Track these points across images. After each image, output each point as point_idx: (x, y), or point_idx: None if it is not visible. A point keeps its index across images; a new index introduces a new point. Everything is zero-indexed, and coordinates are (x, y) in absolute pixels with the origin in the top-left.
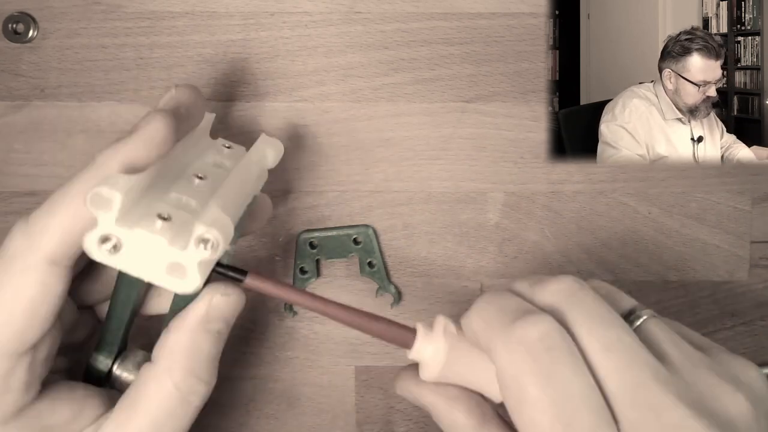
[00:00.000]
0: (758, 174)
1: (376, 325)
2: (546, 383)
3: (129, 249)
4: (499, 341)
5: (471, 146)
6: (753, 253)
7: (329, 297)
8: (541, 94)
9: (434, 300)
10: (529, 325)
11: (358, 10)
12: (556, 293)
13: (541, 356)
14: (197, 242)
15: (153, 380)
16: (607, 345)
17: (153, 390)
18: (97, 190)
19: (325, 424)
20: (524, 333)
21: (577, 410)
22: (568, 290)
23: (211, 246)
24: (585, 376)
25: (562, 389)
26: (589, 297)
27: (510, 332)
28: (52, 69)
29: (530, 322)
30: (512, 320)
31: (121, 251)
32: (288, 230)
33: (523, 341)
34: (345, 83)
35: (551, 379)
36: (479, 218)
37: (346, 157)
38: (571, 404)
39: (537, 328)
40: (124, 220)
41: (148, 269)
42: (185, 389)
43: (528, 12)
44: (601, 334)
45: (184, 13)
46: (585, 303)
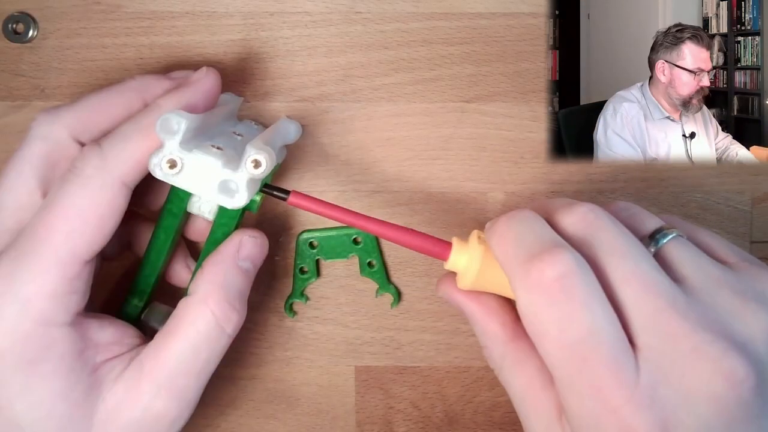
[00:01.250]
0: (758, 174)
1: (414, 238)
2: (565, 322)
3: (187, 170)
4: (516, 279)
5: (471, 146)
6: (753, 253)
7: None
8: (541, 94)
9: (434, 300)
10: (546, 265)
11: (358, 10)
12: (576, 223)
13: (558, 296)
14: (249, 163)
15: (191, 308)
16: (624, 275)
17: (191, 316)
18: (167, 115)
19: (325, 424)
20: (540, 274)
21: (597, 346)
22: (585, 220)
23: (260, 166)
24: (605, 310)
25: (581, 327)
26: (606, 226)
27: (527, 271)
28: (52, 69)
29: (546, 262)
30: (530, 256)
31: (181, 172)
32: (288, 230)
33: (541, 281)
34: (345, 83)
35: (570, 317)
36: (479, 218)
37: (346, 157)
38: (590, 341)
39: (553, 269)
40: (186, 145)
41: (202, 187)
42: (221, 315)
43: (528, 12)
44: (619, 264)
45: (184, 13)
46: (602, 233)
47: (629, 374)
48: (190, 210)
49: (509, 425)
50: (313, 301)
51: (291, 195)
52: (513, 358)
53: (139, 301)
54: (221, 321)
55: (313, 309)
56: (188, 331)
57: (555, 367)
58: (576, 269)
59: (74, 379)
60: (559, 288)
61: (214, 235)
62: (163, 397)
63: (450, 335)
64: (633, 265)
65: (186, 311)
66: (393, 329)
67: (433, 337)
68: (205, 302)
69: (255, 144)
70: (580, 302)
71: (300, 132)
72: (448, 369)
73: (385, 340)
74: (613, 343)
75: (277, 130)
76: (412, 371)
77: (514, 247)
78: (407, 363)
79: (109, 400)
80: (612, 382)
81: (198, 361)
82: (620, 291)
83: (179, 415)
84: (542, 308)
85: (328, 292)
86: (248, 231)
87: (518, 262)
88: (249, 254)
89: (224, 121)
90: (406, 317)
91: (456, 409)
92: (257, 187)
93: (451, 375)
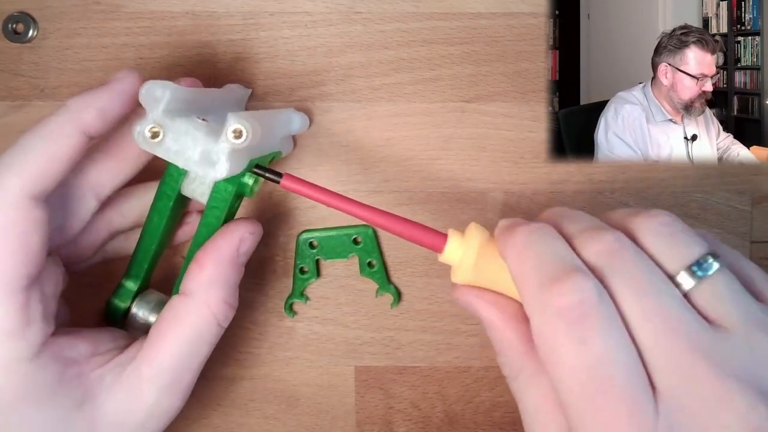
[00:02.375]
0: (758, 174)
1: (410, 228)
2: (580, 350)
3: (169, 139)
4: (533, 300)
5: (471, 146)
6: (753, 253)
7: (334, 294)
8: (541, 94)
9: (434, 300)
10: (566, 290)
11: (358, 10)
12: (600, 251)
13: (576, 324)
14: (230, 132)
15: (191, 309)
16: (646, 311)
17: (191, 319)
18: (151, 83)
19: (325, 424)
20: (560, 299)
21: (612, 378)
22: (609, 251)
23: (242, 136)
24: (623, 342)
25: (597, 357)
26: (630, 258)
27: (546, 295)
28: (52, 69)
29: (567, 287)
30: (549, 279)
31: (162, 141)
32: (288, 230)
33: (558, 308)
34: (345, 83)
35: (586, 346)
36: (479, 218)
37: (346, 157)
38: (605, 372)
39: (573, 296)
40: (169, 113)
41: (183, 157)
42: (221, 315)
43: (528, 12)
44: (640, 300)
45: (184, 13)
46: (626, 265)
47: (647, 415)
48: (183, 192)
49: (509, 425)
50: (313, 301)
51: (284, 178)
52: (530, 369)
53: (133, 285)
54: (220, 320)
55: (313, 309)
56: (188, 333)
57: (566, 397)
58: (596, 298)
59: (62, 402)
60: (577, 315)
61: (207, 218)
62: (165, 395)
63: (450, 335)
64: (655, 301)
65: (186, 312)
66: (393, 329)
67: (433, 337)
68: (207, 304)
69: (237, 114)
70: (598, 330)
71: (306, 124)
72: (448, 369)
73: (385, 340)
74: (631, 377)
75: (274, 115)
76: (412, 371)
77: (532, 267)
78: (407, 363)
79: (109, 406)
80: (627, 421)
81: (197, 357)
82: (640, 328)
83: (180, 406)
84: (558, 333)
85: (328, 292)
86: (247, 225)
87: (536, 283)
88: (247, 250)
89: (227, 107)
90: (406, 317)
91: (456, 409)
92: (242, 162)
93: (451, 375)
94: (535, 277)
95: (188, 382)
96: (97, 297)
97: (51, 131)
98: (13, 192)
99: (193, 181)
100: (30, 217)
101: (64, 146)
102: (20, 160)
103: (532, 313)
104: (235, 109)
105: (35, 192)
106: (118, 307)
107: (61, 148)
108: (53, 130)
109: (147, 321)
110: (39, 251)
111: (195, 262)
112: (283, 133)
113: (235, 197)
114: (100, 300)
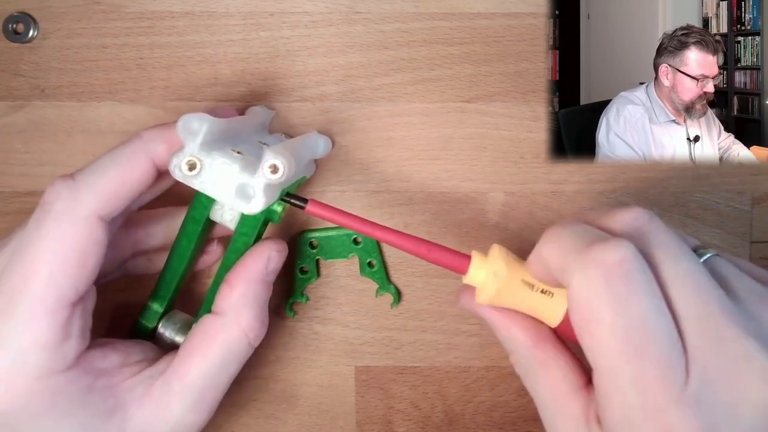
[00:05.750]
0: (758, 174)
1: (432, 251)
2: (621, 308)
3: (205, 172)
4: (574, 263)
5: (471, 146)
6: (753, 253)
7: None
8: (541, 94)
9: (434, 300)
10: (609, 248)
11: (358, 10)
12: (628, 223)
13: (619, 281)
14: (267, 168)
15: (223, 328)
16: (680, 275)
17: (223, 336)
18: (188, 116)
19: (325, 424)
20: (603, 256)
21: (650, 337)
22: (639, 220)
23: (278, 171)
24: (660, 304)
25: (637, 316)
26: (661, 227)
27: (587, 254)
28: (52, 69)
29: (610, 246)
30: (590, 242)
31: (200, 174)
32: (288, 230)
33: (600, 264)
34: (345, 83)
35: (626, 304)
36: (479, 218)
37: (346, 157)
38: (644, 331)
39: (617, 252)
40: (206, 147)
41: (219, 191)
42: (252, 334)
43: (528, 12)
44: (674, 263)
45: (184, 13)
46: (658, 233)
47: (679, 373)
48: (212, 218)
49: (509, 425)
50: (313, 301)
51: (309, 204)
52: (539, 362)
53: (159, 307)
54: (251, 338)
55: (313, 309)
56: (220, 352)
57: (601, 356)
58: (636, 258)
59: (92, 411)
60: (619, 272)
61: (235, 244)
62: (192, 410)
63: (450, 335)
64: (687, 266)
65: (216, 330)
66: (393, 329)
67: (433, 337)
68: (238, 323)
69: (274, 149)
70: (639, 289)
71: (329, 147)
72: (448, 369)
73: (385, 340)
74: (667, 337)
75: (303, 142)
76: (412, 371)
77: (572, 240)
78: (407, 363)
79: (138, 417)
80: (661, 379)
81: (226, 374)
82: (673, 290)
83: (205, 422)
84: (599, 291)
85: (328, 292)
86: (273, 245)
87: (576, 250)
88: (275, 268)
89: (253, 132)
90: (406, 317)
91: (456, 409)
92: (276, 194)
93: (451, 375)
94: (574, 246)
95: (215, 398)
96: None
97: (125, 157)
98: (86, 208)
99: (222, 207)
100: (93, 237)
101: (136, 173)
102: (95, 180)
103: (574, 274)
104: (261, 132)
105: (104, 213)
106: (145, 327)
107: (132, 175)
108: (127, 157)
109: (173, 341)
110: (93, 271)
111: (225, 283)
112: (309, 158)
113: (263, 224)
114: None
